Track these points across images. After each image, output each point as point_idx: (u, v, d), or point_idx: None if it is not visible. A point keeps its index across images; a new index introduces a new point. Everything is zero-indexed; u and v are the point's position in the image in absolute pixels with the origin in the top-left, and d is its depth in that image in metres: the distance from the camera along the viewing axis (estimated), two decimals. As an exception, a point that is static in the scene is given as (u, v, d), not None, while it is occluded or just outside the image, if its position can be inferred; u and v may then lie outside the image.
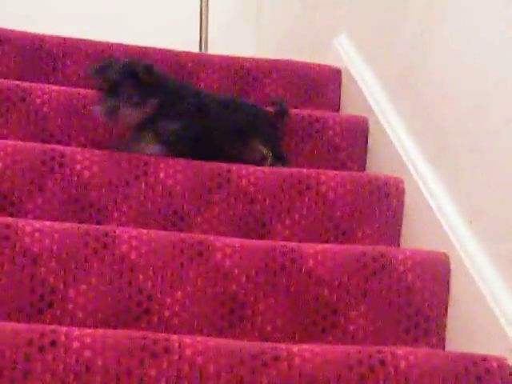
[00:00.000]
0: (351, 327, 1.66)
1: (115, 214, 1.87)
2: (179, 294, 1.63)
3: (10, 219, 1.64)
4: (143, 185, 1.90)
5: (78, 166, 1.87)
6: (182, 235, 1.69)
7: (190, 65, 2.51)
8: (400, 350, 1.44)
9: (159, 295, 1.62)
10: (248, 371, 1.38)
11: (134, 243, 1.65)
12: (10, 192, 1.83)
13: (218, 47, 3.77)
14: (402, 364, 1.42)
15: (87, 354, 1.35)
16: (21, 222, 1.64)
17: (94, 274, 1.61)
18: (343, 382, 1.39)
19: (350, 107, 2.49)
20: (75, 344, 1.36)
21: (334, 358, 1.41)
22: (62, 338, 1.36)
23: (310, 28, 2.99)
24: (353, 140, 2.27)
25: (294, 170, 1.99)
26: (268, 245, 1.70)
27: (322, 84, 2.56)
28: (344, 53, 2.59)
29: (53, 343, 1.35)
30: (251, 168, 1.95)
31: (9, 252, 1.60)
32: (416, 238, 1.93)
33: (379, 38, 2.35)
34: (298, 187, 1.95)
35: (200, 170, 1.93)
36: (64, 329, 1.38)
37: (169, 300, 1.62)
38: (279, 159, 2.08)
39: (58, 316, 1.59)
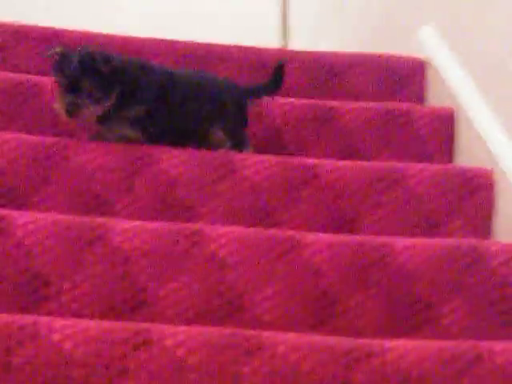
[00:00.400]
0: (445, 322, 1.64)
1: (203, 212, 1.88)
2: (269, 291, 1.63)
3: (101, 219, 1.67)
4: (230, 182, 1.91)
5: (165, 165, 1.89)
6: (271, 232, 1.69)
7: (270, 62, 2.50)
8: (497, 346, 1.41)
9: (250, 292, 1.62)
10: (341, 368, 1.37)
11: (223, 241, 1.65)
12: (102, 192, 1.86)
13: (300, 42, 3.76)
14: (499, 359, 1.39)
15: (181, 352, 1.36)
16: (111, 222, 1.66)
17: (185, 272, 1.62)
18: (439, 378, 1.37)
19: (435, 99, 2.45)
20: (168, 342, 1.37)
21: (429, 354, 1.39)
22: (156, 336, 1.38)
23: (393, 20, 2.95)
24: (439, 132, 2.24)
25: (381, 164, 1.97)
26: (358, 240, 1.69)
27: (407, 76, 2.53)
28: (429, 44, 2.55)
29: (147, 342, 1.37)
30: (339, 163, 1.94)
31: (101, 251, 1.63)
32: (508, 231, 1.89)
33: (468, 29, 2.31)
34: (386, 181, 1.93)
35: (286, 167, 1.92)
36: (157, 327, 1.40)
37: (259, 297, 1.62)
38: (239, 144, 2.01)
39: (150, 314, 1.60)
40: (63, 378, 1.33)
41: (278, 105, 2.22)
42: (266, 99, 2.15)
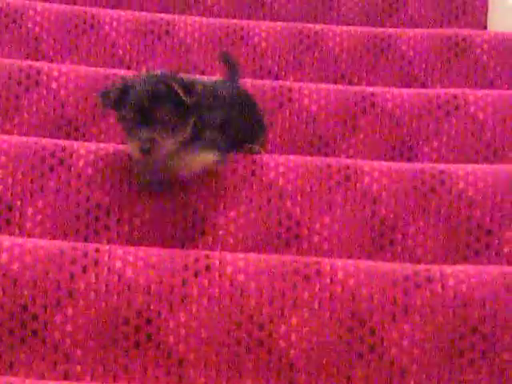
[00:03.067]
0: (506, 249, 1.62)
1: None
2: (327, 219, 1.63)
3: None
4: (288, 111, 1.90)
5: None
6: (329, 160, 1.68)
7: None
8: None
9: (308, 221, 1.63)
10: (401, 293, 1.37)
11: (281, 170, 1.65)
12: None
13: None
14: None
15: (241, 278, 1.38)
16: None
17: (243, 201, 1.63)
18: (500, 303, 1.37)
19: (497, 25, 2.40)
20: (229, 269, 1.39)
21: (490, 279, 1.39)
22: (216, 262, 1.39)
23: None
24: (501, 58, 2.19)
25: (441, 90, 1.94)
26: (416, 167, 1.67)
27: (468, 1, 2.47)
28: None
29: (207, 268, 1.38)
30: (398, 90, 1.92)
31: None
32: None
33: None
34: (446, 108, 1.90)
35: (343, 95, 1.91)
36: (218, 254, 1.41)
37: (317, 225, 1.63)
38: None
39: (210, 243, 1.62)
40: (126, 305, 1.36)
41: (336, 34, 2.19)
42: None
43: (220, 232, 1.62)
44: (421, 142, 1.89)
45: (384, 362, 1.34)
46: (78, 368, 1.34)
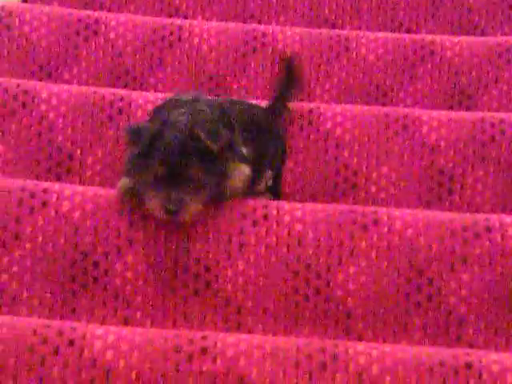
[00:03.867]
0: None
1: (318, 92, 1.87)
2: (385, 168, 1.62)
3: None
4: (345, 61, 1.88)
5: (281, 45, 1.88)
6: (387, 109, 1.67)
7: None
8: None
9: (365, 170, 1.62)
10: (459, 243, 1.37)
11: (338, 119, 1.65)
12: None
13: None
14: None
15: (298, 227, 1.38)
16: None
17: (300, 151, 1.63)
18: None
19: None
20: (286, 218, 1.39)
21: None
22: (274, 212, 1.40)
23: None
24: None
25: (502, 38, 1.90)
26: (476, 116, 1.65)
27: None
28: None
29: (265, 217, 1.39)
30: (457, 38, 1.89)
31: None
32: None
33: None
34: (506, 56, 1.87)
35: (402, 44, 1.89)
36: (275, 203, 1.42)
37: (375, 175, 1.62)
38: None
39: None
40: (183, 253, 1.37)
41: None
42: None
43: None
44: (480, 91, 1.87)
45: (442, 311, 1.34)
46: (138, 314, 1.37)
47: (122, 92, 1.67)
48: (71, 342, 1.12)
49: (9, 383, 1.10)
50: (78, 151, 1.62)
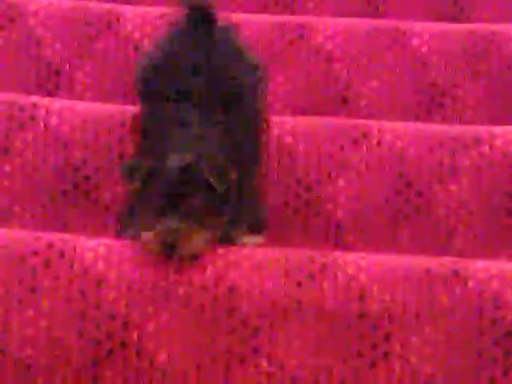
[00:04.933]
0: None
1: (310, 6, 1.85)
2: (376, 82, 1.62)
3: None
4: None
5: None
6: (377, 22, 1.66)
7: None
8: None
9: (356, 84, 1.62)
10: (448, 154, 1.37)
11: (328, 32, 1.63)
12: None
13: None
14: None
15: (289, 139, 1.38)
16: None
17: (287, 66, 1.62)
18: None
19: None
20: (276, 131, 1.39)
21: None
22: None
23: None
24: None
25: None
26: (468, 29, 1.64)
27: None
28: None
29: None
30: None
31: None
32: None
33: None
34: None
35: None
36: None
37: (365, 89, 1.62)
38: None
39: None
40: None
41: None
42: None
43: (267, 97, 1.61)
44: (473, 3, 1.85)
45: (431, 222, 1.35)
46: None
47: (110, 6, 1.65)
48: (62, 254, 1.13)
49: (0, 293, 1.12)
50: (67, 66, 1.61)
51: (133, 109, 1.40)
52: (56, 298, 1.12)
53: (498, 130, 1.39)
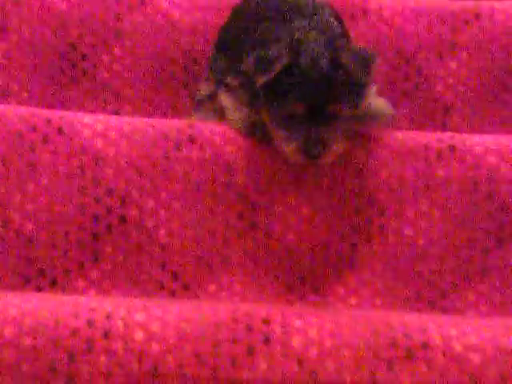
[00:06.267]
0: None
1: None
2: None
3: None
4: None
5: None
6: None
7: None
8: None
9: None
10: (448, 30, 1.36)
11: None
12: None
13: None
14: None
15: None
16: None
17: None
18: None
19: None
20: None
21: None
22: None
23: None
24: None
25: None
26: None
27: None
28: None
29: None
30: None
31: None
32: None
33: None
34: None
35: None
36: None
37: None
38: None
39: None
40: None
41: None
42: None
43: None
44: None
45: (429, 99, 1.35)
46: (128, 107, 1.38)
47: None
48: (60, 130, 1.14)
49: (0, 169, 1.13)
50: None
51: None
52: (55, 174, 1.13)
53: (498, 4, 1.37)
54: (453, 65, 1.34)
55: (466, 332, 0.90)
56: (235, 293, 1.11)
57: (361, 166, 1.13)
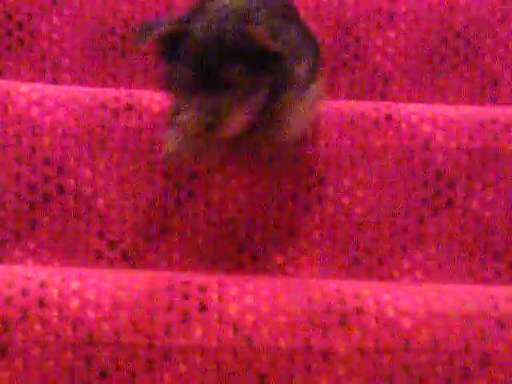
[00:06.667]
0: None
1: None
2: None
3: None
4: None
5: None
6: None
7: None
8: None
9: None
10: (386, 1, 1.36)
11: None
12: None
13: None
14: None
15: None
16: None
17: None
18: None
19: None
20: None
21: None
22: None
23: None
24: None
25: None
26: None
27: None
28: None
29: None
30: None
31: None
32: None
33: None
34: None
35: None
36: None
37: None
38: None
39: None
40: (112, 15, 1.35)
41: None
42: None
43: None
44: None
45: (368, 69, 1.36)
46: (66, 76, 1.36)
47: None
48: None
49: None
50: None
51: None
52: (-10, 143, 1.12)
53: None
54: (392, 34, 1.35)
55: (399, 297, 0.91)
56: (174, 262, 1.12)
57: (299, 134, 1.13)
